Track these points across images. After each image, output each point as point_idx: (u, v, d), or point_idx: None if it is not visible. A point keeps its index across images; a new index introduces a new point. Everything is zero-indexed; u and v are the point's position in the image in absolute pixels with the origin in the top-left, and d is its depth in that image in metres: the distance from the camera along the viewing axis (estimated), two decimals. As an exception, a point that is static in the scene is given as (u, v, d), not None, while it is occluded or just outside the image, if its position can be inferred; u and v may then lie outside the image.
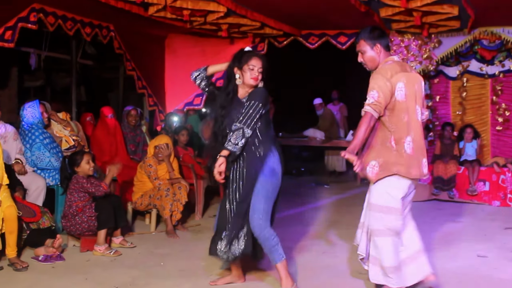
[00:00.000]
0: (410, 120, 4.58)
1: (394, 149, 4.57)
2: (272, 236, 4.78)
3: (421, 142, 4.67)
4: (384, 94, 4.45)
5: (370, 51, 4.71)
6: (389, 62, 4.65)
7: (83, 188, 6.33)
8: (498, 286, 5.21)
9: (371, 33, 4.71)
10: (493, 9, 8.13)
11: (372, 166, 4.63)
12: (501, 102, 10.56)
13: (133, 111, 9.00)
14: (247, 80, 4.87)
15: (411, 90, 4.59)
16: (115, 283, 5.26)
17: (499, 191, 9.51)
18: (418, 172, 4.64)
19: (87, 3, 7.67)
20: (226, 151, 4.67)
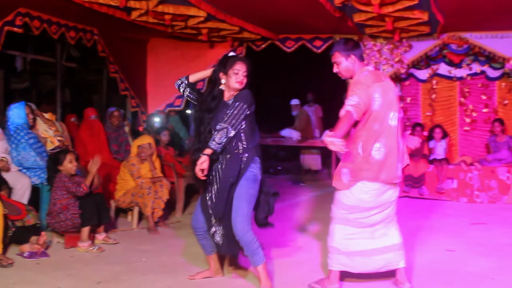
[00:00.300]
0: (382, 128, 4.64)
1: (361, 156, 4.66)
2: (254, 239, 4.79)
3: (396, 146, 4.70)
4: (363, 102, 4.54)
5: (345, 62, 4.79)
6: (365, 73, 4.73)
7: (64, 187, 6.37)
8: (465, 279, 5.28)
9: (345, 45, 4.80)
10: (461, 15, 8.29)
11: (344, 173, 4.76)
12: (468, 103, 10.77)
13: (116, 112, 9.04)
14: (233, 84, 4.88)
15: (386, 98, 4.67)
16: (98, 278, 5.29)
17: (467, 188, 9.69)
18: (389, 176, 4.69)
19: (72, 7, 7.63)
20: (210, 150, 4.68)
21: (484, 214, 8.62)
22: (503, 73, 10.42)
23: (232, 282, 5.24)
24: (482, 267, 5.67)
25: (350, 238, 4.84)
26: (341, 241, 4.84)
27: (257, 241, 4.85)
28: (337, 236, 4.85)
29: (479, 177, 9.68)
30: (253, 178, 4.89)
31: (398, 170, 4.77)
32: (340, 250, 4.84)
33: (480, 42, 9.69)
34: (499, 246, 6.56)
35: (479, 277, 5.36)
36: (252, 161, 4.90)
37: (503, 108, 10.64)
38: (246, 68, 4.94)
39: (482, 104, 10.79)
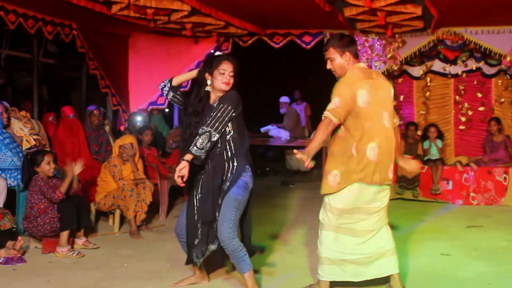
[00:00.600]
0: (374, 127, 4.60)
1: (355, 157, 4.59)
2: (240, 246, 4.74)
3: (389, 148, 4.67)
4: (345, 101, 4.49)
5: (339, 59, 4.72)
6: (354, 70, 4.68)
7: (40, 191, 6.30)
8: (461, 284, 5.25)
9: (340, 40, 4.72)
10: (456, 9, 8.22)
11: (334, 175, 4.65)
12: (464, 101, 10.81)
13: (95, 111, 8.93)
14: (218, 85, 4.78)
15: (375, 96, 4.61)
16: (77, 285, 5.22)
17: (462, 189, 9.65)
18: (382, 178, 4.65)
19: (49, 1, 7.62)
20: (190, 155, 4.58)
21: (480, 216, 8.59)
22: (499, 70, 10.42)
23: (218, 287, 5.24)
24: (479, 272, 5.65)
25: (341, 247, 4.75)
26: (332, 250, 4.76)
27: (244, 249, 4.78)
28: (328, 244, 4.78)
29: (475, 178, 9.66)
30: (244, 186, 4.80)
31: (389, 171, 4.73)
32: (332, 259, 4.76)
33: (475, 37, 9.63)
34: (496, 250, 6.54)
35: (475, 282, 5.33)
36: (243, 170, 4.83)
37: (500, 107, 10.66)
38: (233, 68, 4.82)
39: (478, 102, 10.81)
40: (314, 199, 9.83)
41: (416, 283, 5.20)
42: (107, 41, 10.38)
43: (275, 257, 6.17)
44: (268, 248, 6.50)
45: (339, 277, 4.78)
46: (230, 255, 4.75)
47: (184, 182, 4.62)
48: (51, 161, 6.47)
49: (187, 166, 4.55)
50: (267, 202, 9.60)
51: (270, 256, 6.18)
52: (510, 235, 7.22)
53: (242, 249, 4.74)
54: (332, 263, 4.74)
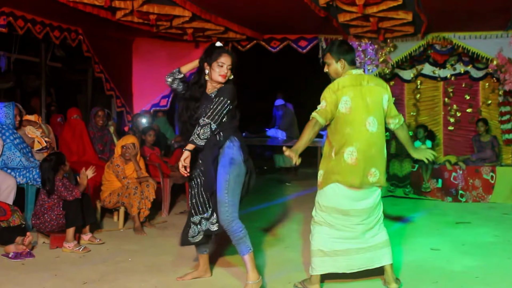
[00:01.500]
0: (354, 132, 4.68)
1: (333, 159, 4.74)
2: (240, 228, 4.73)
3: (370, 152, 4.72)
4: (330, 105, 4.66)
5: (334, 64, 4.87)
6: (344, 77, 4.79)
7: (57, 192, 6.36)
8: (450, 277, 5.33)
9: (338, 47, 4.87)
10: (444, 15, 8.32)
11: (319, 175, 4.85)
12: (452, 103, 10.82)
13: (100, 112, 8.98)
14: (215, 77, 4.82)
15: (360, 102, 4.70)
16: (84, 279, 5.28)
17: (451, 187, 9.76)
18: (361, 182, 4.71)
19: (56, 7, 7.60)
20: (192, 145, 4.64)
21: (468, 213, 8.68)
22: (486, 73, 10.43)
23: (220, 282, 5.24)
24: (467, 266, 5.72)
25: (333, 238, 4.86)
26: (323, 243, 4.86)
27: (244, 230, 4.78)
28: (319, 236, 4.88)
29: (464, 176, 9.76)
30: (229, 161, 4.79)
31: (371, 175, 4.77)
32: (324, 251, 4.85)
33: (464, 42, 9.72)
34: (483, 245, 6.63)
35: (463, 276, 5.40)
36: (227, 140, 4.84)
37: (487, 108, 10.67)
38: (231, 62, 4.90)
39: (466, 104, 10.82)
40: (309, 197, 9.43)
41: (407, 277, 5.25)
42: (112, 45, 10.38)
43: (271, 252, 6.20)
44: (264, 243, 6.54)
45: (331, 269, 4.86)
46: (230, 236, 4.78)
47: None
48: (67, 164, 6.64)
49: (189, 155, 4.65)
50: (264, 199, 9.60)
51: (266, 251, 6.22)
52: (497, 231, 7.34)
53: (242, 230, 4.74)
54: (324, 255, 4.82)
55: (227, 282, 5.23)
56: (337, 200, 4.78)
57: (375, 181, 4.79)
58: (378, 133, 4.78)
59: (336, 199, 4.78)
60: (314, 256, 4.89)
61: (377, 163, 4.80)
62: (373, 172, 4.76)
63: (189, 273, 5.32)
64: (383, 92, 4.88)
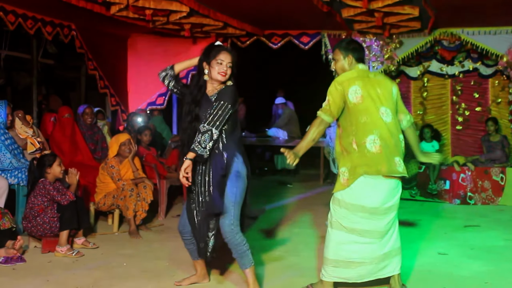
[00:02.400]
0: (371, 120, 4.64)
1: (357, 152, 4.66)
2: (243, 241, 4.75)
3: (392, 141, 4.68)
4: (334, 99, 4.64)
5: (342, 61, 4.86)
6: (350, 71, 4.81)
7: (49, 195, 6.31)
8: (458, 283, 5.26)
9: (347, 44, 4.89)
10: (452, 10, 8.27)
11: (342, 173, 4.73)
12: (461, 102, 10.84)
13: (87, 109, 8.89)
14: (215, 76, 4.74)
15: (371, 92, 4.67)
16: (77, 284, 5.21)
17: (459, 189, 9.63)
18: (389, 169, 4.65)
19: (48, 2, 7.60)
20: (193, 154, 4.55)
21: (477, 216, 8.60)
22: (496, 70, 10.41)
23: (219, 286, 5.24)
24: (476, 271, 5.66)
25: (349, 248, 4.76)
26: (339, 252, 4.78)
27: (246, 243, 4.78)
28: (336, 246, 4.79)
29: (472, 178, 9.64)
30: (236, 175, 4.76)
31: (397, 164, 4.70)
32: (338, 261, 4.78)
33: (472, 38, 9.73)
34: (493, 249, 6.55)
35: (472, 281, 5.34)
36: (234, 157, 4.78)
37: (496, 107, 10.68)
38: (231, 59, 4.81)
39: (474, 102, 10.82)
40: (311, 199, 10.02)
41: (413, 283, 5.20)
42: (106, 41, 10.36)
43: (271, 256, 6.17)
44: (265, 247, 6.50)
45: (343, 278, 4.80)
46: (232, 249, 4.75)
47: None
48: (61, 163, 6.55)
49: (191, 164, 4.57)
50: (264, 201, 9.51)
51: (267, 255, 6.17)
52: (507, 235, 7.25)
53: (245, 243, 4.75)
54: (338, 265, 4.77)
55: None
56: (365, 196, 4.68)
57: (401, 170, 4.73)
58: (393, 123, 4.76)
59: (365, 195, 4.68)
60: (327, 264, 4.83)
61: (399, 153, 4.77)
62: (397, 161, 4.71)
63: (186, 278, 5.25)
64: (390, 85, 4.90)
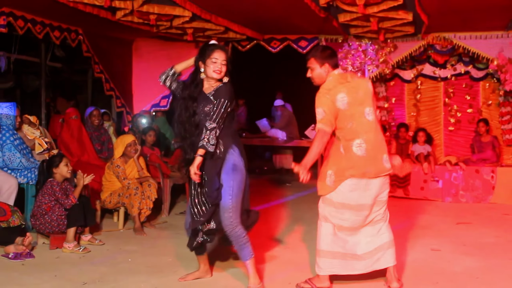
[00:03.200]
0: (357, 125, 4.74)
1: (343, 155, 4.75)
2: (243, 233, 4.80)
3: (377, 140, 4.79)
4: (329, 108, 4.68)
5: (318, 69, 4.89)
6: (329, 79, 4.84)
7: (54, 196, 6.39)
8: (451, 278, 5.34)
9: (321, 52, 4.92)
10: (445, 15, 8.33)
11: (329, 175, 4.79)
12: (453, 103, 10.81)
13: (95, 111, 9.01)
14: (211, 74, 4.80)
15: (355, 97, 4.75)
16: (84, 279, 5.27)
17: (451, 188, 9.75)
18: (376, 171, 4.74)
19: (56, 7, 7.60)
20: (203, 150, 4.61)
21: (469, 213, 8.68)
22: (487, 73, 10.42)
23: (220, 282, 5.25)
24: (467, 267, 5.72)
25: (341, 241, 4.86)
26: (332, 244, 4.86)
27: (246, 235, 4.86)
28: (328, 238, 4.87)
29: (464, 177, 9.73)
30: (232, 168, 4.82)
31: (384, 162, 4.82)
32: (332, 253, 4.86)
33: (464, 42, 9.73)
34: (484, 246, 6.62)
35: (464, 277, 5.40)
36: (228, 150, 4.85)
37: (487, 108, 10.66)
38: (225, 57, 4.88)
39: (466, 104, 10.81)
40: (310, 197, 9.53)
41: (407, 278, 5.27)
42: (112, 45, 10.38)
43: (271, 253, 6.20)
44: (264, 244, 6.48)
45: (338, 270, 4.87)
46: (233, 241, 4.85)
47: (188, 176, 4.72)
48: (69, 163, 6.63)
49: (202, 161, 4.64)
50: (264, 200, 9.53)
51: (266, 252, 6.19)
52: (497, 231, 7.34)
53: (245, 235, 4.82)
54: (333, 257, 4.84)
55: (228, 283, 5.23)
56: (352, 197, 4.77)
57: (389, 167, 4.85)
58: (375, 121, 4.86)
59: (350, 195, 4.77)
60: (320, 256, 4.90)
61: (385, 149, 4.88)
62: (385, 158, 4.83)
63: (190, 273, 5.31)
64: (367, 84, 4.96)
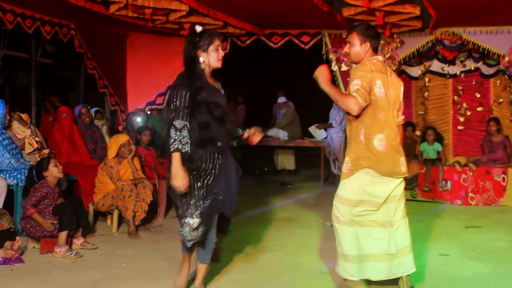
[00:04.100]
0: (385, 119, 4.67)
1: (363, 144, 4.67)
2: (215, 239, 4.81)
3: (396, 142, 4.72)
4: (368, 85, 4.54)
5: (358, 46, 4.78)
6: (373, 61, 4.74)
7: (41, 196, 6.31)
8: (459, 284, 5.26)
9: (366, 29, 4.79)
10: (454, 9, 8.24)
11: (346, 162, 4.76)
12: (462, 102, 10.83)
13: (83, 109, 8.89)
14: (214, 63, 4.65)
15: (388, 91, 4.69)
16: (76, 285, 5.22)
17: (461, 190, 9.65)
18: (392, 170, 4.68)
19: (47, 1, 7.63)
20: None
21: (479, 216, 8.59)
22: (498, 70, 10.43)
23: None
24: (477, 272, 5.66)
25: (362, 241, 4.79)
26: (354, 246, 4.80)
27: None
28: (349, 240, 4.81)
29: (474, 178, 9.66)
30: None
31: (401, 164, 4.76)
32: (354, 256, 4.80)
33: (474, 37, 9.67)
34: (495, 250, 6.55)
35: (474, 283, 5.34)
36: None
37: (498, 107, 10.68)
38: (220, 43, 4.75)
39: (476, 102, 10.82)
40: (312, 199, 10.04)
41: (415, 283, 5.14)
42: (105, 41, 10.41)
43: (271, 257, 6.15)
44: (265, 248, 6.50)
45: (357, 275, 4.81)
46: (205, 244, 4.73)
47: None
48: (57, 163, 6.54)
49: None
50: (264, 202, 9.56)
51: (267, 256, 6.16)
52: (509, 236, 7.24)
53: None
54: (359, 260, 4.77)
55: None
56: (365, 189, 4.70)
57: (405, 171, 4.79)
58: (398, 125, 4.86)
59: (365, 187, 4.70)
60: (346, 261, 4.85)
61: (402, 154, 4.81)
62: (402, 161, 4.77)
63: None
64: (400, 85, 4.91)
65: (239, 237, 6.78)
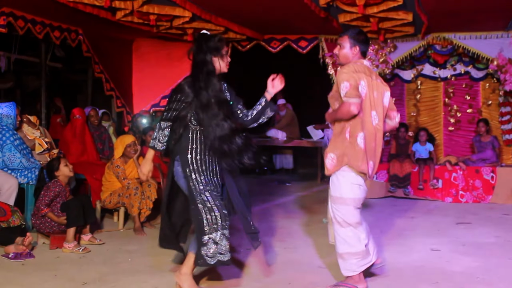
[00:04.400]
0: (365, 120, 4.68)
1: (347, 141, 4.71)
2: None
3: (371, 145, 4.75)
4: (355, 84, 4.60)
5: (347, 49, 4.84)
6: (357, 63, 4.78)
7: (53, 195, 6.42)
8: (450, 278, 5.31)
9: (357, 34, 4.86)
10: (445, 16, 8.34)
11: (331, 158, 4.79)
12: (453, 104, 10.78)
13: (92, 111, 9.01)
14: (224, 68, 4.65)
15: (370, 93, 4.71)
16: (84, 279, 5.26)
17: (451, 188, 9.75)
18: (365, 168, 4.72)
19: (56, 7, 7.63)
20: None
21: (468, 213, 8.67)
22: (486, 73, 10.39)
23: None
24: (467, 267, 5.70)
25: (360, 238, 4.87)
26: (356, 245, 4.85)
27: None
28: (351, 240, 4.85)
29: (464, 177, 9.75)
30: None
31: (370, 168, 4.79)
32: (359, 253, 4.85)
33: (464, 42, 9.74)
34: (484, 246, 6.61)
35: (464, 276, 5.38)
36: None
37: (487, 109, 10.64)
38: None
39: (466, 104, 10.78)
40: (309, 198, 9.90)
41: (407, 277, 5.29)
42: (112, 45, 10.40)
43: (271, 253, 6.18)
44: (264, 245, 6.39)
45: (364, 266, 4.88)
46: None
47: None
48: (67, 162, 6.64)
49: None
50: (263, 200, 9.58)
51: (265, 252, 6.17)
52: (497, 232, 7.32)
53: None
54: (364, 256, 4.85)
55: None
56: (350, 188, 4.79)
57: (371, 173, 4.84)
58: (378, 128, 4.81)
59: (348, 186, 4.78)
60: (346, 259, 4.87)
61: (375, 157, 4.84)
62: (371, 165, 4.80)
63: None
64: (385, 90, 4.93)
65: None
